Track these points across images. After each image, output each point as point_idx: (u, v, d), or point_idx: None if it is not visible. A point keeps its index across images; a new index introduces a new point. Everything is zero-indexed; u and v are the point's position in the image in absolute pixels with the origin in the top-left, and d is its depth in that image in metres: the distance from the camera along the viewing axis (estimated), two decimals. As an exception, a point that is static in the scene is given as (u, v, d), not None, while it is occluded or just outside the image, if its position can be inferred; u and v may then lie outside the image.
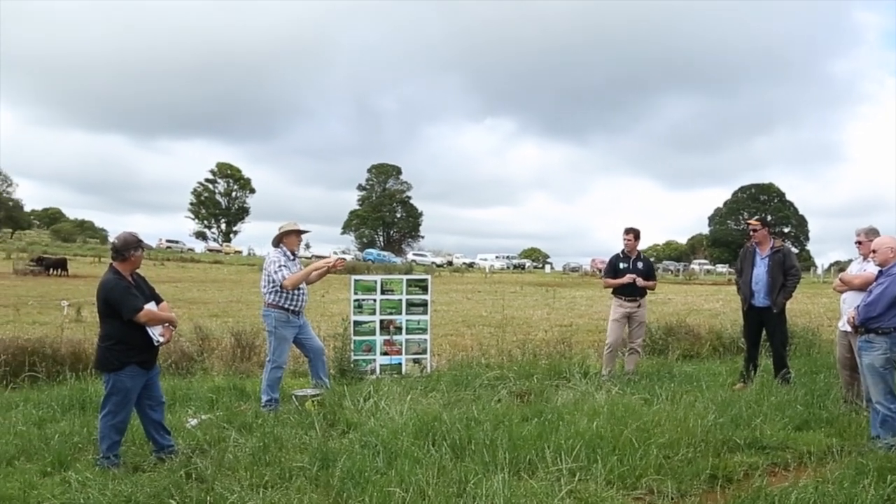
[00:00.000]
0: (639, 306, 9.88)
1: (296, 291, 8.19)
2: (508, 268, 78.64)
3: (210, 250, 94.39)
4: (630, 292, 9.84)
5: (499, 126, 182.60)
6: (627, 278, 9.77)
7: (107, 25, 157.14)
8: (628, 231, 10.05)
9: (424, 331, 10.38)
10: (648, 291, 10.08)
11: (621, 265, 9.96)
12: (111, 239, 6.52)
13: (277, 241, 8.35)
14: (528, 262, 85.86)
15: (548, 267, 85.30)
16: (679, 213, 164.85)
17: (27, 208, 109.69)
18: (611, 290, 10.02)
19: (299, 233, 8.42)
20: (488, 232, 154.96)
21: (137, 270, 6.33)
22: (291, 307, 8.21)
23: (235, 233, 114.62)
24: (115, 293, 5.96)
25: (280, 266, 8.14)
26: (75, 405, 7.97)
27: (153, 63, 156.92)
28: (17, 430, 7.05)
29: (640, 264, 9.99)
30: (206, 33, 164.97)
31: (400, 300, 10.36)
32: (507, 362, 10.38)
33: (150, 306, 6.13)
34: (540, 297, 29.70)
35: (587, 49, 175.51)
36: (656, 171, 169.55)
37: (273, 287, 8.15)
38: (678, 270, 72.20)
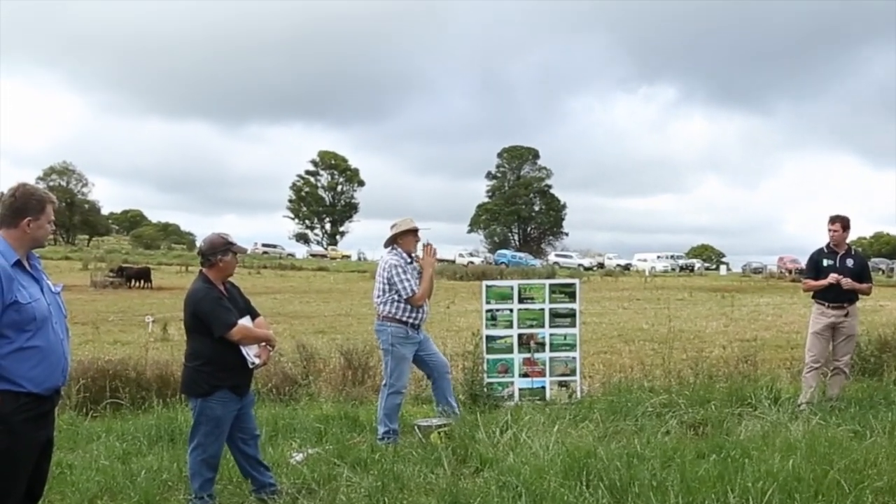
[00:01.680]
0: (846, 315, 9.51)
1: (416, 306, 8.37)
2: (673, 269, 77.39)
3: (313, 255, 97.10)
4: (836, 297, 9.48)
5: (657, 95, 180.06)
6: (831, 279, 9.41)
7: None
8: (835, 220, 9.67)
9: (573, 347, 10.31)
10: (861, 297, 9.70)
11: (825, 262, 9.60)
12: (199, 244, 6.78)
13: (391, 243, 8.52)
14: (697, 263, 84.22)
15: (723, 268, 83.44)
16: (891, 197, 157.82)
17: (105, 211, 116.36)
18: (811, 294, 9.69)
19: (416, 232, 8.56)
20: (647, 226, 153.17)
21: (231, 279, 6.53)
22: (411, 320, 8.36)
23: (342, 234, 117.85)
24: (205, 305, 6.15)
25: (404, 275, 8.30)
26: (163, 436, 8.33)
27: (241, 37, 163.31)
28: (99, 464, 7.41)
29: (849, 261, 9.62)
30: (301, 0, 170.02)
31: (542, 310, 10.32)
32: (677, 385, 10.20)
33: (245, 321, 6.29)
34: (714, 306, 29.09)
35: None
36: (861, 145, 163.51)
37: (389, 296, 8.32)
38: (891, 269, 69.08)
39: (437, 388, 8.65)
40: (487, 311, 10.33)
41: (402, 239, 8.50)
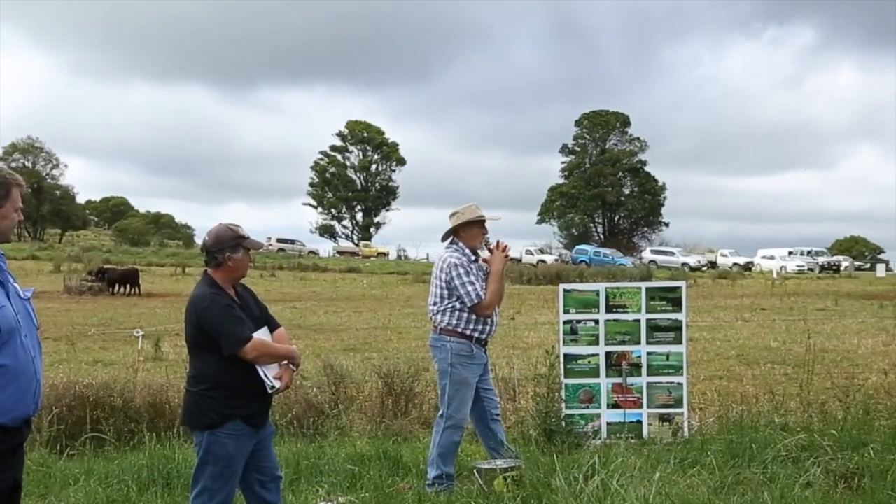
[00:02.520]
0: None
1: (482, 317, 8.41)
2: (811, 269, 76.59)
3: (341, 253, 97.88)
4: None
5: (788, 38, 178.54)
6: None
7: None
8: None
9: (678, 370, 10.27)
10: None
11: None
12: (199, 239, 6.78)
13: (451, 236, 8.58)
14: (845, 261, 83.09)
15: (881, 268, 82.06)
16: None
17: (80, 199, 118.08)
18: None
19: (483, 223, 8.61)
20: (775, 213, 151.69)
21: (242, 281, 6.58)
22: (477, 334, 8.39)
23: (378, 226, 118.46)
24: (212, 315, 6.19)
25: (468, 277, 8.32)
26: (157, 480, 8.46)
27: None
28: (77, 515, 7.57)
29: None
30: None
31: (637, 322, 10.29)
32: (819, 423, 10.10)
33: (262, 334, 6.34)
34: (870, 318, 28.66)
35: None
36: None
37: (449, 304, 8.37)
38: None
39: (486, 434, 8.67)
40: (566, 322, 10.34)
41: (465, 231, 8.53)
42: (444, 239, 8.65)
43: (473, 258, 8.50)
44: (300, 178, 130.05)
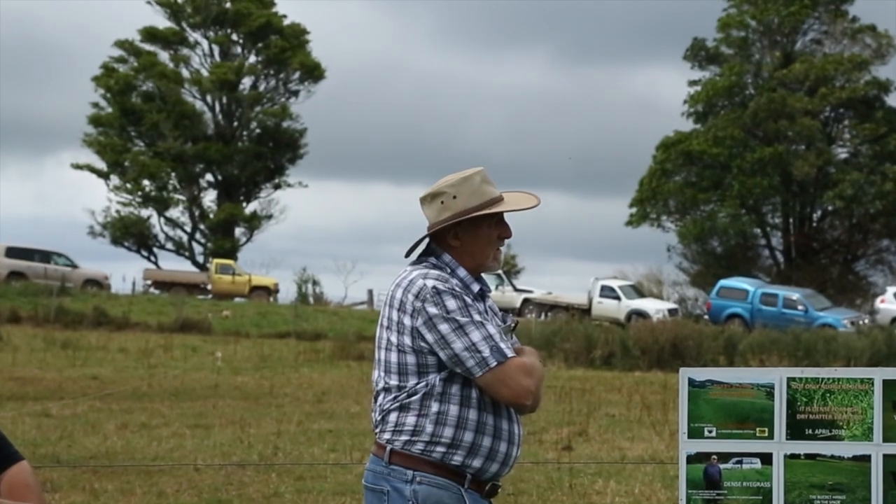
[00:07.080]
0: None
1: (493, 418, 8.35)
2: None
3: (161, 285, 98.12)
4: None
5: None
6: None
7: None
8: None
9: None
10: None
11: None
12: None
13: (427, 244, 8.62)
14: None
15: None
16: None
17: None
18: None
19: (501, 216, 8.63)
20: None
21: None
22: (477, 464, 8.34)
23: (253, 223, 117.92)
24: None
25: (469, 316, 8.19)
26: None
27: None
28: None
29: None
30: None
31: (863, 462, 10.26)
32: None
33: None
34: None
35: None
36: None
37: (418, 385, 8.27)
38: None
39: None
40: (694, 458, 10.40)
41: (462, 236, 8.52)
42: (411, 251, 8.66)
43: (476, 289, 8.48)
44: (66, 106, 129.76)
